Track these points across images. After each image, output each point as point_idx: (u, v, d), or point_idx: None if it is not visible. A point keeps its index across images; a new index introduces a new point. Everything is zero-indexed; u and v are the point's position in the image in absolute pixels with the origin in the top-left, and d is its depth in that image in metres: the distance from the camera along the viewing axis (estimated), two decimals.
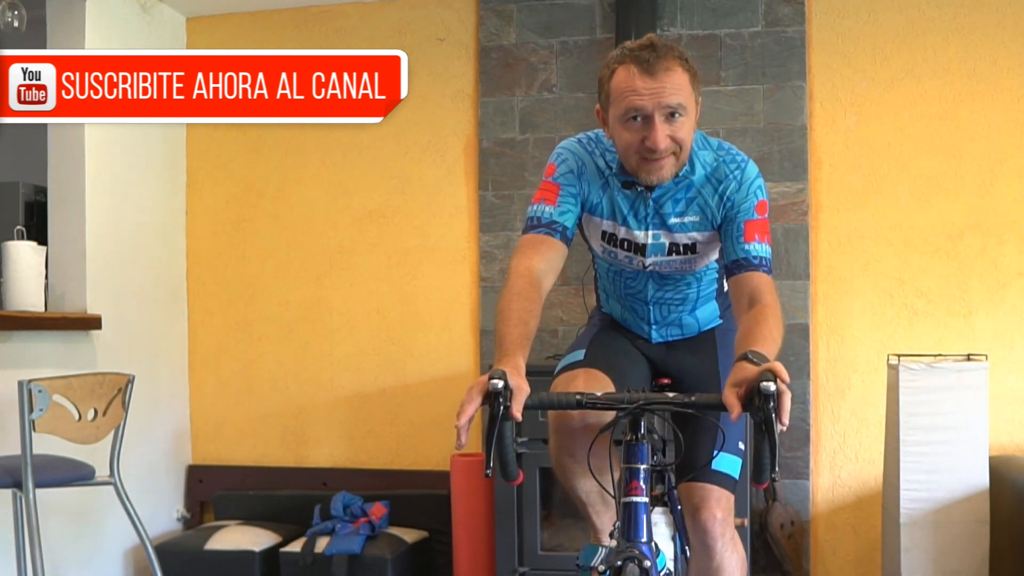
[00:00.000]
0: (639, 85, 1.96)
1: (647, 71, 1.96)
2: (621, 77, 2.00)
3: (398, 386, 4.35)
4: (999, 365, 3.80)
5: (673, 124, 1.98)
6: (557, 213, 2.10)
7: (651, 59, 1.96)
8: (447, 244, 4.30)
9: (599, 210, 2.17)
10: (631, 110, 1.98)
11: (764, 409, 1.58)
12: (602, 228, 2.19)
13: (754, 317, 1.94)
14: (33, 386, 2.94)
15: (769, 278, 2.04)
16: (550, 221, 2.09)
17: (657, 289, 2.26)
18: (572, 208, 2.12)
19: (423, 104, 4.32)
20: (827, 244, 3.99)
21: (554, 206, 2.10)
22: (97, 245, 3.91)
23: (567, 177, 2.14)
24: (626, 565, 1.67)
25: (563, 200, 2.12)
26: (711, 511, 2.08)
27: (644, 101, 1.96)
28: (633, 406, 1.71)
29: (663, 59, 1.97)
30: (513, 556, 3.67)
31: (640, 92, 1.96)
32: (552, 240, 2.08)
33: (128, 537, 3.88)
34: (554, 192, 2.12)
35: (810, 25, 4.00)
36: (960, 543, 3.35)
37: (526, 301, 1.95)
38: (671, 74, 1.96)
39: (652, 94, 1.95)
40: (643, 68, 1.96)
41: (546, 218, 2.10)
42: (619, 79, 2.00)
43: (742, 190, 2.08)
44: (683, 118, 1.99)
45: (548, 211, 2.10)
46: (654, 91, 1.95)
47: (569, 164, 2.15)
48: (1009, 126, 3.87)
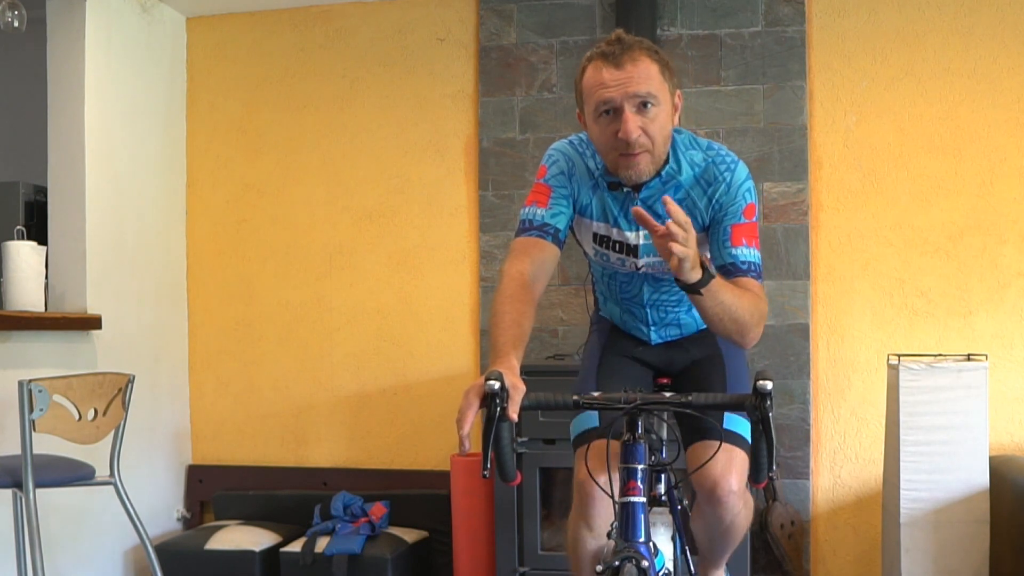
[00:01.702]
0: (606, 77, 1.97)
1: (613, 63, 1.97)
2: (590, 74, 2.02)
3: (398, 386, 4.35)
4: (999, 365, 3.80)
5: (645, 115, 1.98)
6: (549, 215, 2.11)
7: (616, 51, 1.98)
8: (447, 244, 4.30)
9: (589, 211, 2.17)
10: (601, 104, 1.98)
11: (761, 408, 1.58)
12: (593, 230, 2.19)
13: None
14: (33, 386, 2.94)
15: (758, 283, 2.03)
16: (542, 223, 2.10)
17: (653, 291, 2.26)
18: (564, 209, 2.13)
19: (423, 104, 4.33)
20: (827, 244, 3.99)
21: (546, 208, 2.11)
22: (97, 245, 3.91)
23: (558, 179, 2.14)
24: (624, 565, 1.67)
25: (555, 202, 2.12)
26: (726, 474, 2.06)
27: (611, 92, 1.96)
28: (631, 406, 1.71)
29: (629, 51, 1.98)
30: (513, 556, 3.67)
31: (607, 84, 1.97)
32: (543, 243, 2.09)
33: (128, 537, 3.89)
34: (546, 194, 2.13)
35: (810, 25, 4.00)
36: (960, 543, 3.34)
37: (518, 303, 1.95)
38: (637, 64, 1.97)
39: (619, 85, 1.96)
40: (608, 61, 1.98)
41: (538, 220, 2.10)
42: (588, 76, 2.02)
43: (730, 192, 2.07)
44: (655, 108, 1.98)
45: (540, 213, 2.11)
46: (620, 81, 1.96)
47: (560, 165, 2.16)
48: (1009, 126, 3.87)
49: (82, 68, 3.85)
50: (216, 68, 4.54)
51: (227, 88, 4.53)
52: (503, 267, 2.08)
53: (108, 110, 4.00)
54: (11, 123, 5.09)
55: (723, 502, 2.08)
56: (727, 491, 2.07)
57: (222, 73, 4.53)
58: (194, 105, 4.55)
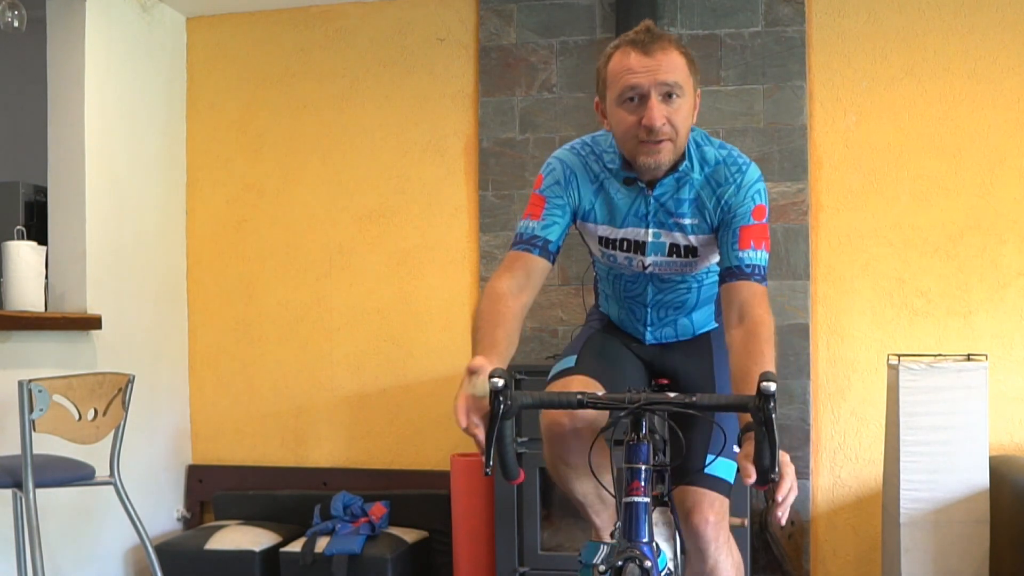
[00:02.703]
0: (635, 63, 1.97)
1: (643, 51, 1.97)
2: (617, 59, 2.02)
3: (398, 386, 4.35)
4: (999, 365, 3.80)
5: (670, 105, 1.98)
6: (540, 227, 2.12)
7: (647, 40, 1.98)
8: (447, 244, 4.30)
9: (592, 216, 2.17)
10: (627, 89, 1.98)
11: (764, 410, 1.58)
12: (598, 233, 2.19)
13: (746, 347, 1.92)
14: (33, 386, 2.94)
15: (761, 287, 2.02)
16: (531, 237, 2.11)
17: (657, 292, 2.26)
18: (558, 220, 2.13)
19: (423, 104, 4.33)
20: (827, 244, 3.99)
21: (539, 220, 2.13)
22: (97, 245, 3.91)
23: (552, 189, 2.15)
24: (627, 565, 1.67)
25: (548, 213, 2.13)
26: (703, 514, 2.08)
27: (640, 79, 1.97)
28: (635, 406, 1.71)
29: (659, 40, 1.99)
30: (513, 556, 3.67)
31: (636, 70, 1.97)
32: (529, 256, 2.10)
33: (128, 537, 3.89)
34: (539, 206, 2.14)
35: (810, 25, 4.00)
36: (960, 543, 3.35)
37: (492, 325, 1.99)
38: (667, 54, 1.98)
39: (648, 71, 1.96)
40: (639, 48, 1.98)
41: (527, 234, 2.12)
42: (615, 62, 2.02)
43: (740, 194, 2.06)
44: (680, 99, 1.99)
45: (532, 227, 2.13)
46: (649, 68, 1.96)
47: (555, 175, 2.16)
48: (1009, 126, 3.87)
49: (82, 68, 3.85)
50: (216, 68, 4.54)
51: (227, 88, 4.52)
52: (488, 282, 2.11)
53: (108, 110, 4.00)
54: (11, 123, 5.08)
55: (702, 535, 2.09)
56: (704, 520, 2.08)
57: (222, 73, 4.53)
58: (194, 105, 4.55)
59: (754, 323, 1.94)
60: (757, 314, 1.96)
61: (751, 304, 1.98)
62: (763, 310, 1.97)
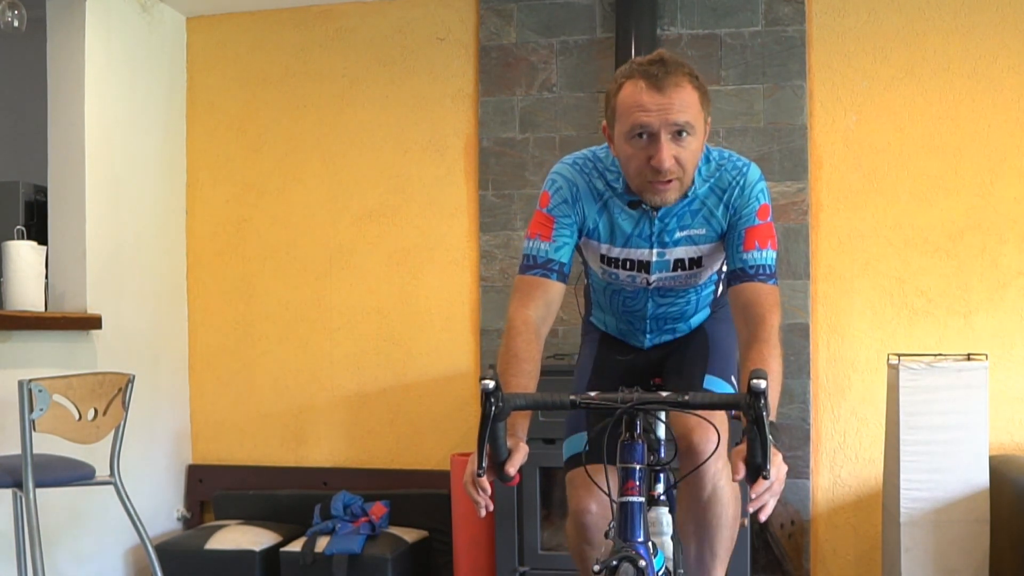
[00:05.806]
0: (646, 100, 1.90)
1: (655, 86, 1.90)
2: (628, 92, 1.94)
3: (398, 386, 4.35)
4: (999, 365, 3.80)
5: (680, 143, 1.93)
6: (552, 249, 2.08)
7: (660, 74, 1.90)
8: (447, 244, 4.30)
9: (596, 234, 2.14)
10: (637, 127, 1.92)
11: (755, 407, 1.58)
12: (600, 252, 2.17)
13: (748, 348, 1.94)
14: (33, 386, 2.94)
15: (767, 286, 2.02)
16: (546, 260, 2.08)
17: (657, 307, 2.26)
18: (568, 240, 2.10)
19: (423, 104, 4.33)
20: (827, 244, 3.99)
21: (549, 242, 2.08)
22: (97, 245, 3.92)
23: (561, 208, 2.10)
24: (621, 565, 1.66)
25: (558, 234, 2.09)
26: (704, 434, 2.05)
27: (651, 118, 1.90)
28: (628, 406, 1.71)
29: (672, 74, 1.91)
30: (513, 556, 3.67)
31: (647, 108, 1.90)
32: (548, 282, 2.08)
33: (128, 537, 3.89)
34: (548, 226, 2.10)
35: (810, 25, 4.00)
36: (960, 543, 3.34)
37: (523, 362, 1.98)
38: (680, 91, 1.91)
39: (660, 110, 1.90)
40: (651, 83, 1.90)
41: (542, 257, 2.08)
42: (626, 94, 1.94)
43: (744, 195, 2.06)
44: (690, 137, 1.94)
45: (544, 249, 2.08)
46: (662, 107, 1.90)
47: (563, 193, 2.11)
48: (1009, 126, 3.86)
49: (82, 68, 3.85)
50: (216, 68, 4.54)
51: (227, 88, 4.53)
52: (509, 308, 2.07)
53: (108, 110, 4.00)
54: (11, 123, 5.08)
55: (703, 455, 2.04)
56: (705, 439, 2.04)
57: (222, 73, 4.53)
58: (194, 105, 4.55)
59: (756, 324, 1.97)
60: (759, 314, 1.98)
61: (755, 304, 2.00)
62: (766, 309, 1.99)
